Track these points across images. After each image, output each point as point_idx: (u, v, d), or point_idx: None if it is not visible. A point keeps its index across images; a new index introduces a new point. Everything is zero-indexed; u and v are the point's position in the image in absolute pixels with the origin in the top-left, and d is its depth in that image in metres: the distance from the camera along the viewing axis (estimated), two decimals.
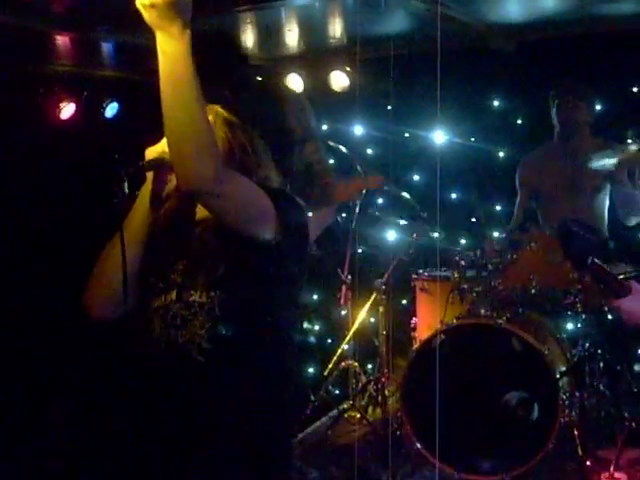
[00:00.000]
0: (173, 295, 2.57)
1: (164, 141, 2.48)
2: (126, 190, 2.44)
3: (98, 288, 2.63)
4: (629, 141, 5.38)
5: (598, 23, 6.29)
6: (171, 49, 2.30)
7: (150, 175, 2.63)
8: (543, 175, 6.18)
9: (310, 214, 2.71)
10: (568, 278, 5.20)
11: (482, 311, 5.36)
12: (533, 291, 5.35)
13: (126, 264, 2.46)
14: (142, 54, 6.55)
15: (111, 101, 6.61)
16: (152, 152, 2.64)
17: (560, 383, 4.94)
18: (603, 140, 5.96)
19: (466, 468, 4.99)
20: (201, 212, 2.62)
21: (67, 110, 6.23)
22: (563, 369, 5.08)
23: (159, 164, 2.59)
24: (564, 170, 6.08)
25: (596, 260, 3.47)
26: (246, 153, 2.62)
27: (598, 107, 6.75)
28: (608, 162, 5.36)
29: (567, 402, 5.02)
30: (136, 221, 2.64)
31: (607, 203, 6.09)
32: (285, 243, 2.52)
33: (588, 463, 4.91)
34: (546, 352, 4.94)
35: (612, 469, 4.89)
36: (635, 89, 6.72)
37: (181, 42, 2.31)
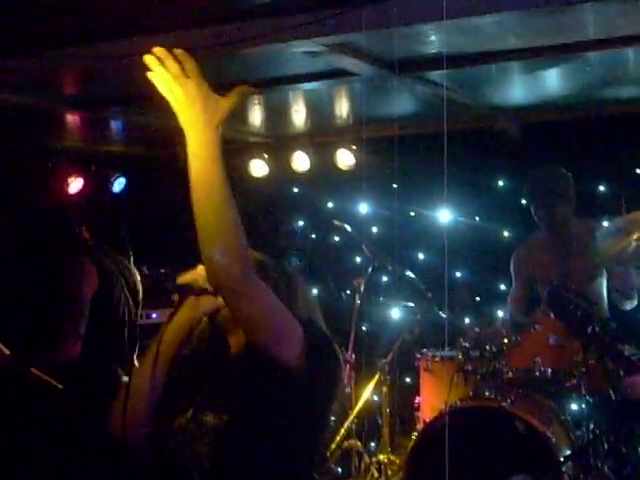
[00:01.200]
0: (189, 414, 2.66)
1: (198, 269, 2.63)
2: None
3: (128, 409, 2.64)
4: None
5: (602, 106, 6.38)
6: (201, 151, 2.39)
7: (190, 300, 2.70)
8: (536, 267, 6.14)
9: None
10: (572, 360, 5.20)
11: (486, 393, 5.35)
12: (537, 373, 5.33)
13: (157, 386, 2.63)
14: (149, 131, 6.70)
15: (118, 176, 6.70)
16: (183, 279, 2.72)
17: (564, 467, 4.90)
18: (595, 223, 5.95)
19: None
20: (233, 340, 2.71)
21: (75, 185, 6.29)
22: (568, 452, 5.04)
23: (187, 291, 2.68)
24: (556, 262, 6.05)
25: (597, 329, 3.50)
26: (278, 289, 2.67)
27: (602, 188, 6.83)
28: (603, 251, 5.37)
29: None
30: (166, 343, 2.70)
31: (605, 285, 6.10)
32: (311, 371, 2.57)
33: None
34: (550, 435, 4.91)
35: None
36: (638, 170, 6.77)
37: (212, 144, 2.40)
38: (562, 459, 4.89)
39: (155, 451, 2.70)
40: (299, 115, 6.57)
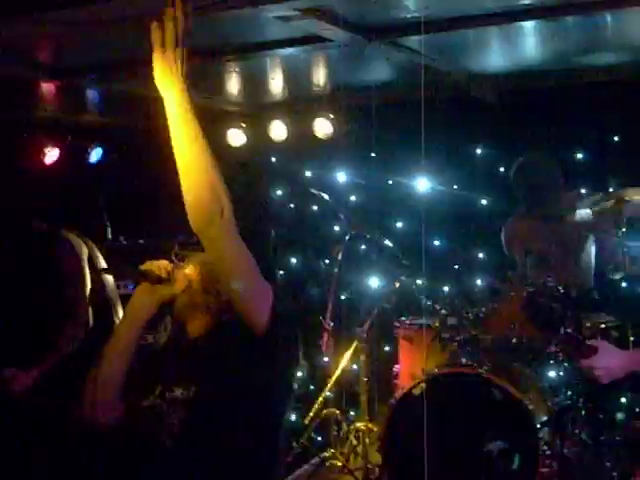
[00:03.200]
0: (157, 392, 2.78)
1: (161, 261, 2.83)
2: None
3: (94, 394, 2.78)
4: (610, 190, 5.40)
5: (579, 73, 6.37)
6: (177, 101, 2.61)
7: (144, 285, 2.86)
8: (526, 240, 6.17)
9: None
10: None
11: (463, 360, 5.36)
12: (514, 340, 5.34)
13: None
14: (126, 100, 6.64)
15: (95, 146, 6.65)
16: (142, 266, 2.87)
17: (541, 433, 4.91)
18: (578, 193, 5.97)
19: None
20: (193, 326, 2.84)
21: (51, 155, 6.25)
22: (544, 419, 5.06)
23: (143, 277, 2.83)
24: (547, 233, 6.09)
25: (568, 330, 3.53)
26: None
27: (579, 156, 6.82)
28: (585, 215, 5.38)
29: (548, 452, 4.98)
30: (125, 327, 2.91)
31: (593, 255, 6.12)
32: (276, 333, 2.66)
33: None
34: (527, 402, 4.92)
35: None
36: (616, 138, 6.75)
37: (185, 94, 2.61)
38: (538, 426, 4.90)
39: (127, 431, 2.77)
40: (276, 83, 6.53)
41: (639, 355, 3.60)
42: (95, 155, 6.69)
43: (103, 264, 4.97)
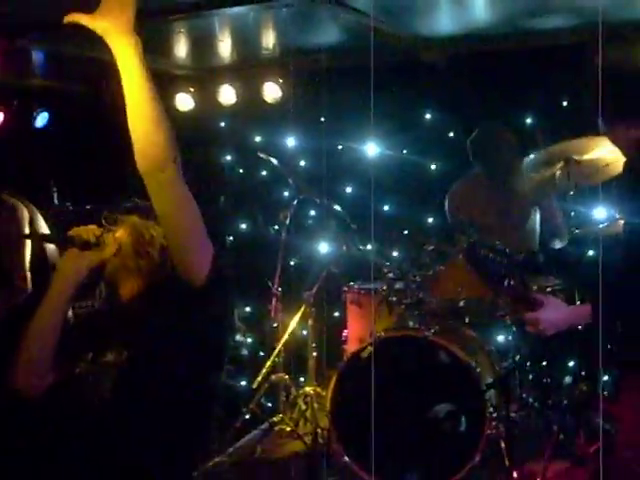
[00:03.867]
0: (89, 358, 2.80)
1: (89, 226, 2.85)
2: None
3: (25, 363, 2.76)
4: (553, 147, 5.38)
5: (528, 37, 6.37)
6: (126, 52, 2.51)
7: (72, 251, 2.85)
8: (472, 207, 6.16)
9: None
10: (496, 290, 5.22)
11: (410, 323, 5.36)
12: (461, 303, 5.36)
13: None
14: (73, 64, 6.54)
15: (41, 111, 6.55)
16: (77, 230, 2.88)
17: (487, 395, 4.93)
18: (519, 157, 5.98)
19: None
20: (125, 289, 2.83)
21: None
22: (491, 382, 5.08)
23: (73, 241, 2.84)
24: (492, 203, 6.09)
25: (512, 282, 3.54)
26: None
27: (528, 120, 6.83)
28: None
29: (495, 414, 5.01)
30: (53, 293, 2.84)
31: (538, 221, 6.14)
32: (213, 291, 2.65)
33: (515, 475, 4.91)
34: (474, 364, 4.93)
35: None
36: (565, 103, 6.77)
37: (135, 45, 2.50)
38: (485, 388, 4.92)
39: (58, 398, 2.75)
40: (225, 46, 6.45)
41: (583, 309, 3.62)
42: (41, 120, 6.60)
43: (45, 230, 4.91)
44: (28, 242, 4.72)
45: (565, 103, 6.76)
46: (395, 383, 5.03)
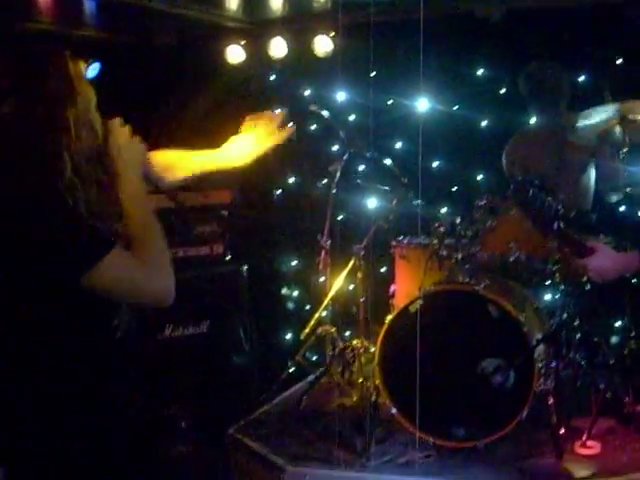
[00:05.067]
0: None
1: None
2: None
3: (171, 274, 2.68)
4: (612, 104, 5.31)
5: None
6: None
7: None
8: (527, 160, 6.14)
9: None
10: (547, 247, 5.19)
11: (460, 278, 5.35)
12: (512, 259, 5.32)
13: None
14: (124, 14, 6.54)
15: (93, 61, 6.55)
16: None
17: (536, 352, 4.92)
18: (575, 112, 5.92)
19: (441, 434, 4.98)
20: None
21: None
22: (539, 337, 5.07)
23: None
24: (549, 152, 6.06)
25: (561, 225, 3.52)
26: None
27: (582, 78, 6.74)
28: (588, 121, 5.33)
29: (543, 371, 5.01)
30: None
31: (593, 177, 6.09)
32: None
33: (562, 431, 4.91)
34: (523, 319, 4.92)
35: (585, 438, 4.90)
36: (619, 61, 6.68)
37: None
38: (534, 344, 4.91)
39: None
40: None
41: (633, 257, 3.60)
42: (92, 70, 6.59)
43: None
44: None
45: (620, 61, 6.66)
46: (444, 337, 5.03)
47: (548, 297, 5.66)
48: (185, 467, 5.46)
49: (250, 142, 3.39)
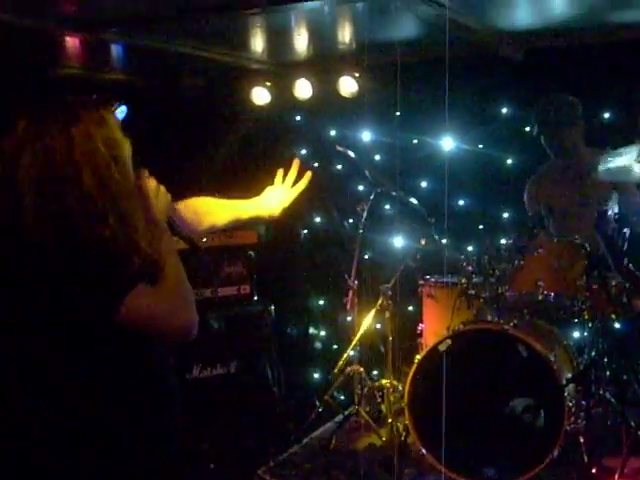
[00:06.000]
0: None
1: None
2: None
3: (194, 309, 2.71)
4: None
5: (607, 31, 6.30)
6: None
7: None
8: (554, 192, 6.16)
9: None
10: (575, 285, 5.20)
11: (489, 317, 5.35)
12: (540, 297, 5.31)
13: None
14: (151, 57, 6.61)
15: (120, 104, 6.62)
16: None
17: (566, 390, 4.90)
18: (599, 149, 5.92)
19: (471, 474, 4.97)
20: None
21: None
22: (570, 376, 5.05)
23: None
24: (571, 186, 6.08)
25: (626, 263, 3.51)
26: None
27: (607, 115, 6.75)
28: (612, 163, 5.34)
29: (573, 409, 4.98)
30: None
31: (615, 212, 6.09)
32: None
33: (593, 471, 4.89)
34: (552, 359, 4.91)
35: (617, 477, 4.87)
36: None
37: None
38: (564, 382, 4.89)
39: None
40: (301, 40, 6.48)
41: None
42: (120, 113, 6.66)
43: None
44: None
45: None
46: (473, 377, 5.03)
47: (577, 335, 5.65)
48: None
49: (281, 192, 3.54)
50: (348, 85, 6.99)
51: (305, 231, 7.82)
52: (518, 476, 4.89)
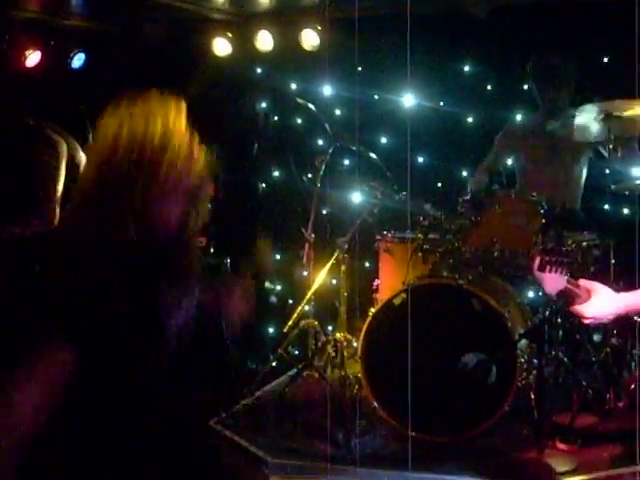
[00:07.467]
0: None
1: None
2: None
3: None
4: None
5: None
6: None
7: None
8: (526, 143, 6.24)
9: None
10: (531, 242, 5.20)
11: (444, 272, 5.35)
12: (496, 254, 5.31)
13: None
14: (110, 3, 6.51)
15: (78, 51, 6.52)
16: None
17: (519, 347, 4.93)
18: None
19: (421, 428, 4.97)
20: None
21: (33, 58, 6.13)
22: (523, 332, 5.07)
23: None
24: (546, 139, 6.10)
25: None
26: None
27: None
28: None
29: (525, 366, 5.02)
30: None
31: (585, 173, 6.15)
32: None
33: (543, 426, 4.92)
34: (506, 315, 4.93)
35: (566, 433, 4.92)
36: (605, 59, 6.70)
37: None
38: (516, 338, 4.91)
39: None
40: None
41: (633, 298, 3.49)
42: (77, 60, 6.57)
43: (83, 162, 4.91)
44: (62, 176, 4.72)
45: (605, 60, 6.69)
46: (427, 331, 5.03)
47: (531, 294, 5.68)
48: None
49: None
50: (310, 38, 6.91)
51: (263, 185, 7.78)
52: (468, 431, 4.92)
